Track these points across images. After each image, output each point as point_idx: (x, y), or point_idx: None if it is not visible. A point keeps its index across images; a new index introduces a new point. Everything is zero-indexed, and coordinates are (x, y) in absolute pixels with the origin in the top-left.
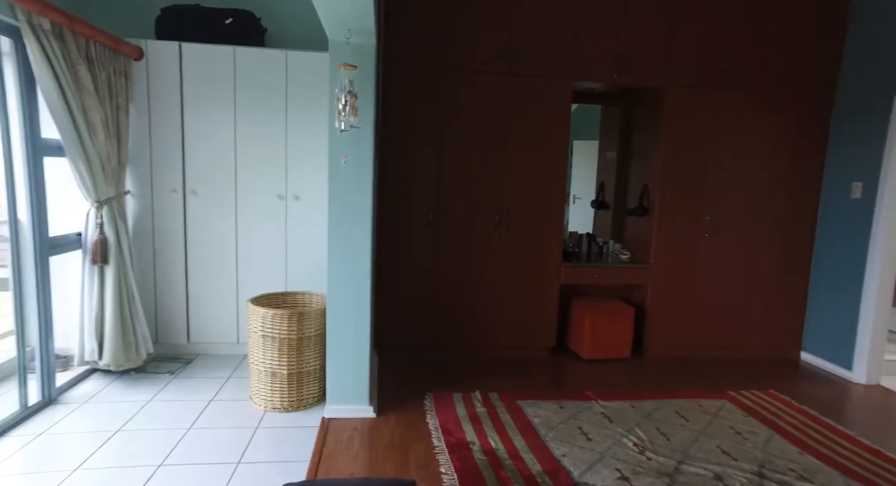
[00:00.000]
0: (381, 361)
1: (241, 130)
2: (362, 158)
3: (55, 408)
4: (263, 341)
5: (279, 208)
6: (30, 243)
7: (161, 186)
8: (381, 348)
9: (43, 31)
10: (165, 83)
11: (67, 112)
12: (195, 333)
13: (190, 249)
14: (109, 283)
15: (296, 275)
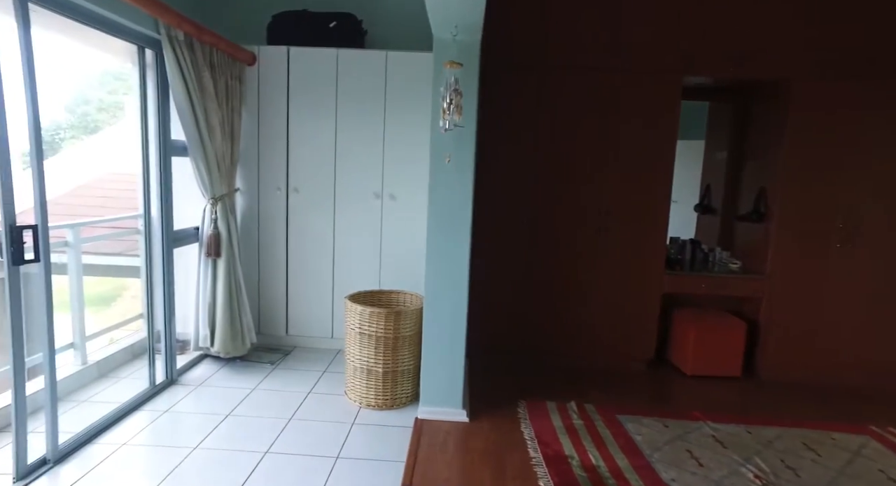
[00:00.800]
0: (469, 364)
1: (342, 130)
2: (464, 159)
3: (176, 388)
4: (360, 339)
5: (375, 207)
6: (158, 236)
7: (266, 184)
8: (471, 351)
9: (178, 41)
10: (274, 86)
11: (192, 115)
12: (293, 326)
13: (291, 245)
14: (221, 275)
15: (389, 273)
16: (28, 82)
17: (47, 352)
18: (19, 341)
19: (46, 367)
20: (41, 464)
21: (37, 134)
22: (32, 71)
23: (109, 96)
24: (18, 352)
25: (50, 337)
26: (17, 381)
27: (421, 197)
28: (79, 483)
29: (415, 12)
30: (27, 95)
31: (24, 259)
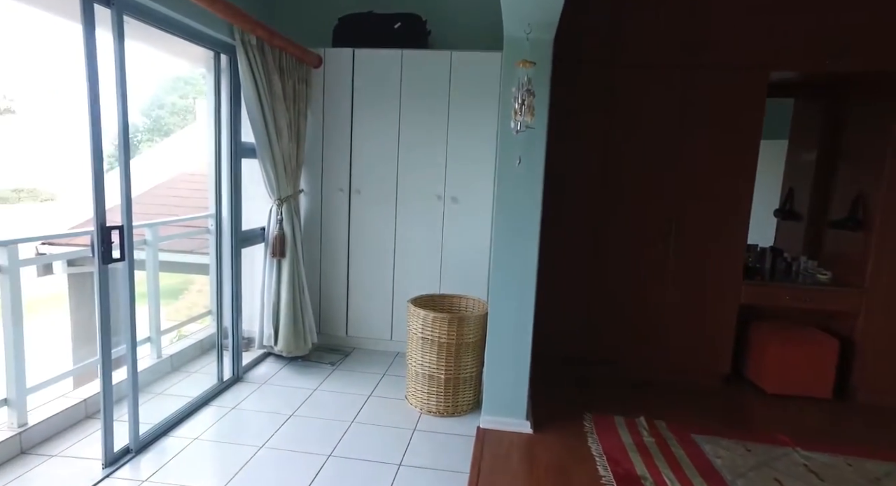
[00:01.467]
0: (530, 372)
1: (405, 132)
2: (534, 161)
3: (241, 385)
4: (422, 344)
5: (437, 209)
6: (228, 236)
7: (329, 185)
8: (531, 359)
9: (250, 46)
10: (339, 88)
11: (262, 118)
12: (353, 327)
13: (352, 246)
14: (285, 275)
15: (450, 277)
16: (119, 91)
17: (129, 347)
18: (107, 335)
19: (129, 361)
20: (125, 453)
21: (125, 139)
22: (124, 80)
23: (181, 100)
24: (106, 345)
25: (132, 333)
26: (105, 373)
27: (483, 200)
28: (157, 475)
29: (479, 11)
30: (118, 103)
31: (113, 258)
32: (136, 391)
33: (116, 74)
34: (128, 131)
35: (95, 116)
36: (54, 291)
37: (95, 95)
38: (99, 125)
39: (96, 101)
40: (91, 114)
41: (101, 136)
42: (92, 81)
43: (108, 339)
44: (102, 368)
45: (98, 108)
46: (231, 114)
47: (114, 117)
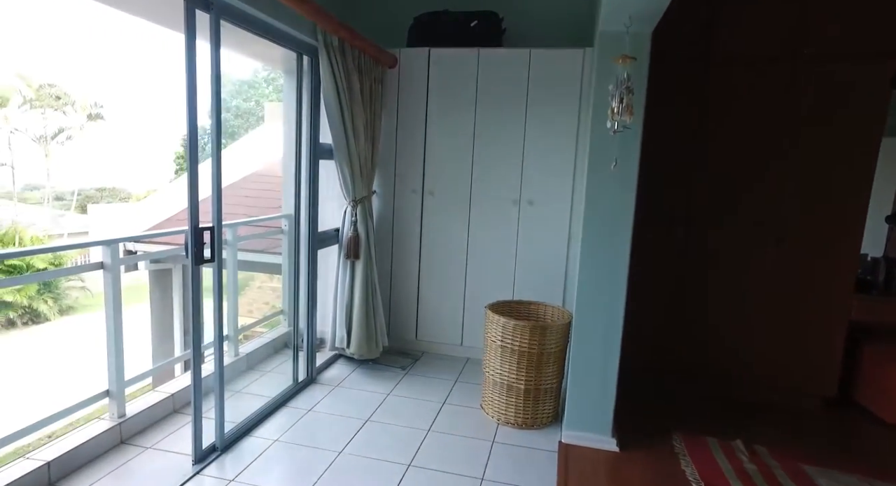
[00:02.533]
0: None
1: (480, 133)
2: (628, 163)
3: (315, 387)
4: (501, 352)
5: (512, 213)
6: (305, 237)
7: (402, 186)
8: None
9: (332, 47)
10: (413, 88)
11: (341, 118)
12: (423, 331)
13: (424, 248)
14: (359, 277)
15: (524, 283)
16: (214, 93)
17: (217, 346)
18: (199, 333)
19: (216, 360)
20: (211, 451)
21: (217, 140)
22: (218, 83)
23: (244, 104)
24: (198, 343)
25: (219, 332)
26: (196, 372)
27: (561, 203)
28: (243, 475)
29: (557, 7)
30: (212, 105)
31: (204, 259)
32: (222, 391)
33: (211, 77)
34: (220, 133)
35: (192, 120)
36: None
37: (193, 99)
38: (196, 128)
39: (194, 104)
40: (188, 117)
41: (197, 138)
42: (190, 85)
43: (199, 337)
44: (194, 366)
45: (195, 111)
46: (311, 115)
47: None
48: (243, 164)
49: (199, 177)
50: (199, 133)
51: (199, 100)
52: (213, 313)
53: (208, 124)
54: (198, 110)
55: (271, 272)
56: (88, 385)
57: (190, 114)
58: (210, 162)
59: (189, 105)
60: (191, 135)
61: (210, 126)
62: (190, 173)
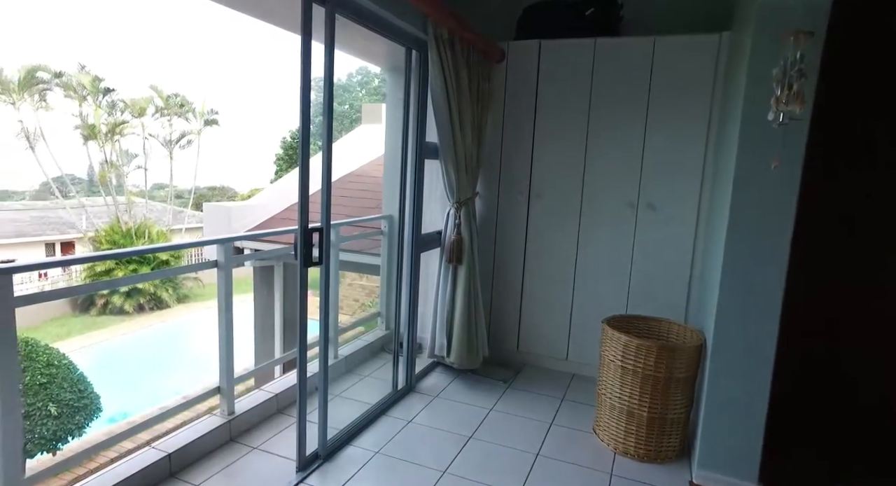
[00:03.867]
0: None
1: (594, 130)
2: (792, 162)
3: (413, 396)
4: (622, 374)
5: (628, 218)
6: (408, 239)
7: (507, 188)
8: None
9: (442, 40)
10: (521, 84)
11: (448, 116)
12: (525, 342)
13: (529, 254)
14: (461, 283)
15: (640, 296)
16: (327, 92)
17: (321, 354)
18: (304, 339)
19: (320, 366)
20: (314, 458)
21: (328, 139)
22: (331, 79)
23: (338, 107)
24: (303, 349)
25: (324, 339)
26: (301, 377)
27: (686, 208)
28: None
29: None
30: (325, 102)
31: (313, 261)
32: (325, 399)
33: (325, 72)
34: (331, 130)
35: (306, 117)
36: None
37: (307, 95)
38: (308, 125)
39: (307, 101)
40: (301, 115)
41: (309, 137)
42: (305, 80)
43: (304, 342)
44: (299, 373)
45: (308, 108)
46: (418, 112)
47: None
48: (339, 165)
49: (310, 177)
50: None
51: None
52: (318, 317)
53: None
54: (310, 109)
55: (368, 273)
56: (203, 373)
57: (303, 112)
58: (317, 161)
59: (303, 102)
60: (303, 133)
61: (319, 124)
62: (301, 173)
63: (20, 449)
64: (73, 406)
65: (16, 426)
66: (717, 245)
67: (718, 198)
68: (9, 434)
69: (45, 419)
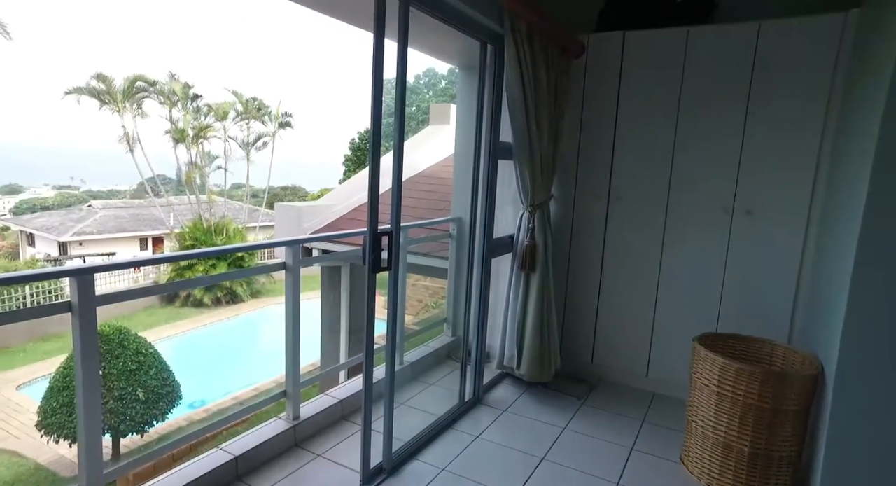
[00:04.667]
0: None
1: (684, 128)
2: None
3: (481, 409)
4: (717, 401)
5: (721, 224)
6: (479, 244)
7: (584, 190)
8: None
9: (520, 33)
10: (602, 79)
11: (524, 114)
12: (600, 355)
13: (607, 261)
14: (533, 291)
15: (733, 311)
16: (399, 86)
17: (388, 364)
18: (370, 345)
19: (387, 376)
20: (378, 471)
21: (400, 137)
22: (404, 75)
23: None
24: (370, 355)
25: (391, 347)
26: (367, 387)
27: (794, 214)
28: None
29: None
30: (397, 98)
31: (382, 266)
32: (391, 409)
33: (397, 66)
34: (403, 130)
35: (377, 115)
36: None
37: (379, 90)
38: (380, 125)
39: (379, 99)
40: (373, 111)
41: (380, 136)
42: (377, 75)
43: (371, 348)
44: (364, 379)
45: (380, 106)
46: (492, 110)
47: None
48: (406, 166)
49: (380, 178)
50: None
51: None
52: (387, 323)
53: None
54: (382, 107)
55: (434, 276)
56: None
57: (375, 107)
58: (386, 161)
59: (374, 98)
60: (374, 132)
61: (395, 123)
62: (371, 174)
63: (99, 434)
64: (157, 393)
65: (97, 414)
66: (840, 259)
67: (843, 206)
68: (91, 421)
69: (134, 403)
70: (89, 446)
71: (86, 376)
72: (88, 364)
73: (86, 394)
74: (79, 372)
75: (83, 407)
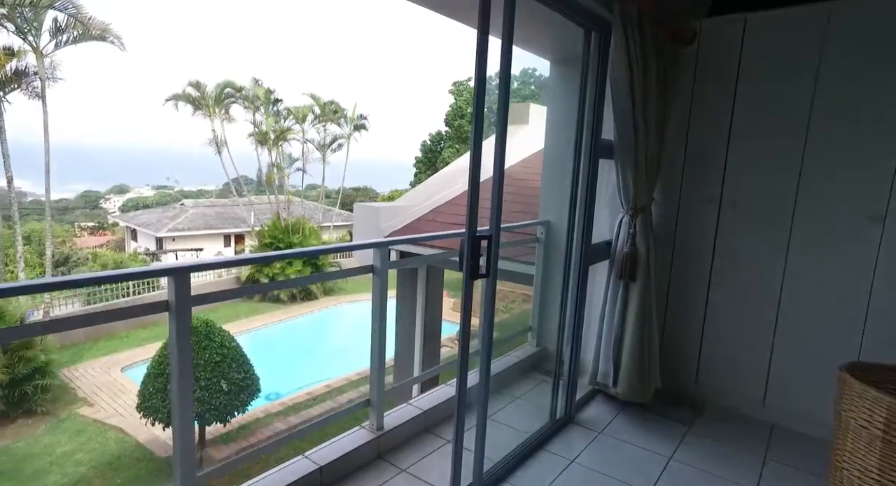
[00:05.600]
0: None
1: (819, 124)
2: None
3: (573, 429)
4: (883, 449)
5: (867, 235)
6: (577, 250)
7: (691, 193)
8: None
9: (630, 19)
10: (717, 69)
11: (631, 109)
12: (706, 375)
13: (716, 272)
14: (633, 303)
15: (881, 338)
16: (504, 77)
17: (483, 377)
18: (465, 356)
19: (481, 393)
20: None
21: (502, 134)
22: (508, 65)
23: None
24: (463, 367)
25: (486, 360)
26: (460, 398)
27: None
28: None
29: None
30: (500, 91)
31: (479, 273)
32: (484, 425)
33: (501, 57)
34: (506, 127)
35: (480, 104)
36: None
37: (483, 76)
38: (482, 115)
39: (482, 88)
40: (476, 100)
41: (482, 131)
42: (481, 64)
43: (465, 359)
44: (459, 394)
45: (483, 100)
46: (594, 105)
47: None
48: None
49: (480, 176)
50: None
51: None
52: (481, 333)
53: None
54: (485, 103)
55: (517, 282)
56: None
57: (478, 96)
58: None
59: (477, 87)
60: (476, 122)
61: (496, 120)
62: (472, 173)
63: (191, 424)
64: (239, 385)
65: (188, 406)
66: None
67: None
68: (185, 412)
69: (217, 393)
70: (183, 435)
71: (181, 374)
72: (182, 361)
73: (180, 390)
74: (174, 368)
75: (178, 400)
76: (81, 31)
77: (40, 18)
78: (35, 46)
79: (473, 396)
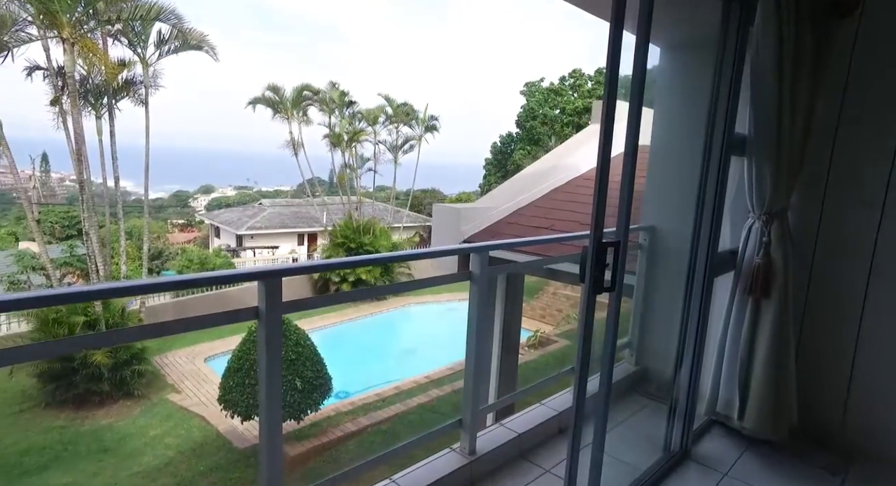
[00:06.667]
0: None
1: None
2: None
3: (691, 466)
4: None
5: None
6: (703, 260)
7: (840, 195)
8: None
9: None
10: (885, 43)
11: (777, 94)
12: (857, 412)
13: (873, 288)
14: (766, 323)
15: None
16: (639, 64)
17: (601, 414)
18: (584, 379)
19: (597, 430)
20: None
21: (635, 131)
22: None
23: (550, 111)
24: (581, 390)
25: (608, 376)
26: (576, 433)
27: None
28: None
29: None
30: (633, 89)
31: (604, 287)
32: (600, 459)
33: (639, 32)
34: (639, 124)
35: (611, 106)
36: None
37: (614, 81)
38: (614, 107)
39: (614, 87)
40: (607, 92)
41: (612, 126)
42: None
43: (584, 381)
44: (573, 433)
45: (615, 97)
46: (729, 92)
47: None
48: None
49: (609, 178)
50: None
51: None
52: (602, 361)
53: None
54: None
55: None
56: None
57: (610, 83)
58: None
59: (609, 89)
60: (607, 116)
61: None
62: (600, 171)
63: (280, 441)
64: (312, 384)
65: (277, 420)
66: None
67: None
68: (273, 424)
69: (292, 391)
70: (270, 452)
71: (269, 386)
72: (271, 373)
73: (268, 400)
74: (262, 378)
75: (266, 409)
76: (181, 42)
77: (147, 30)
78: (142, 57)
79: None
